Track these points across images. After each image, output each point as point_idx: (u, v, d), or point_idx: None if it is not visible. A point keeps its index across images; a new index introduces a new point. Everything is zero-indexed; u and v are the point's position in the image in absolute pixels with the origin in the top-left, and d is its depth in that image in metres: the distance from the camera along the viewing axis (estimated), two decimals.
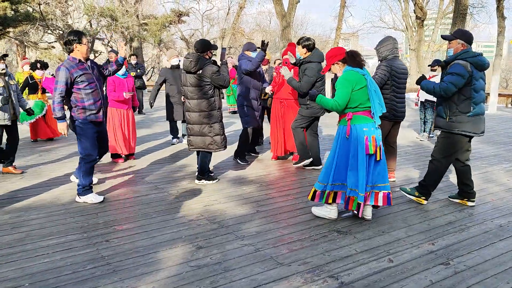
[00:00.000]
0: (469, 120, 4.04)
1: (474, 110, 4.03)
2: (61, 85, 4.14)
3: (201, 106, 4.87)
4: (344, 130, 3.81)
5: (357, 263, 3.11)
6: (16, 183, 5.15)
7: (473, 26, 30.29)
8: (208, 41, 4.97)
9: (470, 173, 4.35)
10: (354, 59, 3.78)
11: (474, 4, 22.75)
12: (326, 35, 39.74)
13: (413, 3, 18.32)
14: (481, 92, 4.06)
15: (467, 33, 4.13)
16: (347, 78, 3.73)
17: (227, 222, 3.91)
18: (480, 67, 4.01)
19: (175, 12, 26.10)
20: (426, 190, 4.39)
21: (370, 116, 3.77)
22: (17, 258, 3.15)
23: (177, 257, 3.19)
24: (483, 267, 3.05)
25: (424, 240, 3.51)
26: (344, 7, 24.35)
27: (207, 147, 5.00)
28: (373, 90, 3.73)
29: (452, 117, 4.10)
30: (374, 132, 3.74)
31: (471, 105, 4.01)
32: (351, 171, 3.75)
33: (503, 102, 16.10)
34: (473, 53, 4.02)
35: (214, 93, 4.91)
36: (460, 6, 11.93)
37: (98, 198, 4.45)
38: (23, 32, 21.10)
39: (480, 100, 4.05)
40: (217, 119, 4.96)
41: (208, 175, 5.21)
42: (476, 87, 4.00)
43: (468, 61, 3.98)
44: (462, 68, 3.93)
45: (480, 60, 3.98)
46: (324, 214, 4.00)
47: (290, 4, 16.09)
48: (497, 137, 8.60)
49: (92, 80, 4.35)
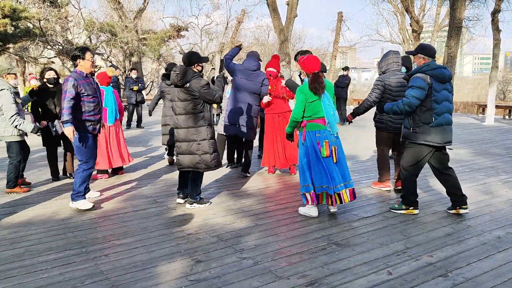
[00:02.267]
0: (432, 131, 4.21)
1: (436, 121, 4.20)
2: (70, 93, 4.37)
3: (188, 122, 4.51)
4: (301, 136, 4.35)
5: (356, 275, 3.11)
6: (14, 198, 5.15)
7: (469, 39, 30.59)
8: (196, 54, 4.67)
9: (453, 180, 4.43)
10: (312, 83, 4.16)
11: (470, 17, 23.01)
12: (324, 48, 40.04)
13: (409, 16, 18.52)
14: (444, 103, 4.23)
15: (427, 48, 4.35)
16: (303, 90, 4.22)
17: (226, 235, 3.92)
18: (441, 79, 4.19)
19: (174, 27, 26.34)
20: (409, 200, 4.51)
21: (324, 123, 4.21)
22: (16, 274, 3.15)
23: (176, 271, 3.18)
24: (482, 279, 3.05)
25: (422, 252, 3.51)
26: (342, 21, 24.62)
27: (196, 166, 4.58)
28: (327, 104, 4.18)
29: (415, 127, 4.29)
30: (327, 137, 4.20)
31: (433, 116, 4.19)
32: (315, 171, 4.29)
33: (500, 113, 16.17)
34: (434, 66, 4.21)
35: (204, 108, 4.54)
36: (455, 20, 12.07)
37: (88, 204, 4.65)
38: (23, 48, 21.25)
39: (442, 111, 4.21)
40: (207, 136, 4.55)
41: (200, 198, 4.83)
42: (437, 98, 4.18)
43: (427, 73, 4.17)
44: (421, 80, 4.14)
45: (440, 72, 4.17)
46: (305, 212, 4.47)
47: (288, 18, 16.27)
48: (494, 148, 8.64)
49: (96, 94, 4.68)
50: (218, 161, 4.68)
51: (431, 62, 4.27)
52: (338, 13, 24.73)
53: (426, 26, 28.73)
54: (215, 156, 4.62)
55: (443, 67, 4.23)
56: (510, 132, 11.19)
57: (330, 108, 4.20)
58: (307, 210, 4.46)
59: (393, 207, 4.66)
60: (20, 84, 25.09)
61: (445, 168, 4.43)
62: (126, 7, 24.72)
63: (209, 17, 29.37)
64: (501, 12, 13.80)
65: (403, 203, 4.56)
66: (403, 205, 4.55)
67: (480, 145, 9.09)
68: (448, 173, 4.43)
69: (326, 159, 4.23)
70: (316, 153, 4.25)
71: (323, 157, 4.21)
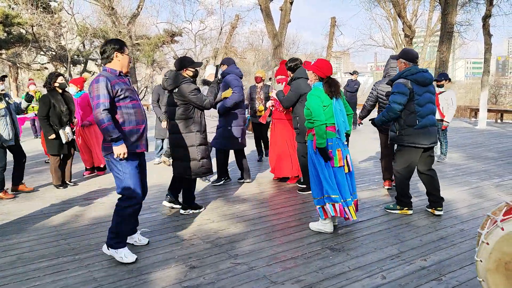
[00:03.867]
0: (416, 133, 4.32)
1: (420, 123, 4.30)
2: (104, 99, 3.24)
3: (178, 128, 4.46)
4: (311, 144, 4.02)
5: (350, 280, 3.11)
6: (7, 205, 5.11)
7: (461, 43, 30.86)
8: (188, 58, 4.61)
9: (434, 182, 4.54)
10: (329, 87, 3.94)
11: (461, 22, 23.23)
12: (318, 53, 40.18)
13: (401, 21, 18.69)
14: (428, 105, 4.33)
15: (409, 52, 4.46)
16: (316, 94, 3.95)
17: (220, 241, 3.91)
18: (421, 83, 4.28)
19: (168, 32, 26.34)
20: (403, 202, 4.63)
21: (334, 131, 3.94)
22: (7, 282, 3.12)
23: (170, 278, 3.17)
24: (475, 282, 3.06)
25: (416, 256, 3.52)
26: (335, 26, 24.79)
27: (185, 172, 4.54)
28: (338, 109, 3.96)
29: (401, 130, 4.40)
30: (339, 146, 3.95)
31: (417, 118, 4.29)
32: (328, 183, 3.92)
33: (492, 117, 16.31)
34: (415, 70, 4.31)
35: (194, 114, 4.45)
36: (447, 25, 12.19)
37: (131, 256, 3.44)
38: (16, 54, 21.17)
39: (426, 113, 4.31)
40: (195, 143, 4.46)
41: (194, 203, 4.81)
42: (420, 101, 4.28)
43: (408, 78, 4.28)
44: (402, 85, 4.26)
45: (420, 76, 4.27)
46: (320, 228, 4.11)
47: (282, 23, 16.36)
48: (487, 152, 8.70)
49: (135, 97, 3.50)
50: (207, 168, 4.60)
51: (412, 67, 4.36)
52: (331, 19, 24.91)
53: (419, 31, 28.96)
54: (204, 163, 4.55)
55: (423, 70, 4.34)
56: (502, 136, 11.28)
57: (341, 114, 4.00)
58: (321, 226, 4.10)
59: (388, 207, 4.77)
60: (13, 90, 24.98)
61: (428, 170, 4.56)
62: (120, 13, 24.69)
63: (203, 22, 29.38)
64: (492, 17, 13.96)
65: (397, 204, 4.69)
66: (398, 206, 4.67)
67: (473, 149, 9.15)
68: (430, 174, 4.56)
69: (337, 169, 3.96)
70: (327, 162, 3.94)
71: (336, 167, 3.93)
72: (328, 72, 3.98)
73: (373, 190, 5.63)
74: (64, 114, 5.78)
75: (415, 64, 4.42)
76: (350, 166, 4.05)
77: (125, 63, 3.46)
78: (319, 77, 4.02)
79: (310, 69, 4.05)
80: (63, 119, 5.78)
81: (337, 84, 4.00)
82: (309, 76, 4.14)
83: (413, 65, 4.40)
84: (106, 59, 3.43)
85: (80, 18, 23.00)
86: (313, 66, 4.01)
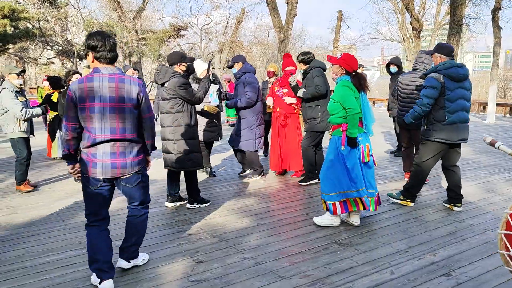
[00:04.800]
0: (444, 129, 4.26)
1: (449, 119, 4.24)
2: None
3: (167, 121, 4.49)
4: (339, 140, 3.94)
5: (359, 275, 3.09)
6: (15, 200, 5.14)
7: (469, 37, 30.57)
8: (179, 53, 4.63)
9: (456, 178, 4.49)
10: (358, 81, 3.91)
11: (470, 15, 22.97)
12: (324, 47, 39.94)
13: (409, 14, 18.49)
14: (459, 102, 4.25)
15: (443, 47, 4.39)
16: (347, 85, 3.89)
17: (227, 235, 3.90)
18: (455, 78, 4.20)
19: (173, 26, 26.30)
20: (410, 193, 4.65)
21: (362, 126, 3.94)
22: (16, 275, 3.13)
23: (177, 272, 3.16)
24: (485, 277, 3.03)
25: (425, 251, 3.49)
26: (341, 19, 24.63)
27: (172, 165, 4.54)
28: (366, 103, 3.94)
29: (429, 125, 4.36)
30: (367, 141, 3.97)
31: (446, 114, 4.24)
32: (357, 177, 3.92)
33: (501, 111, 16.13)
34: (449, 65, 4.22)
35: (184, 108, 4.44)
36: (455, 18, 12.04)
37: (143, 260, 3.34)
38: (23, 48, 21.25)
39: (456, 109, 4.25)
40: (183, 137, 4.45)
41: (200, 197, 4.81)
42: (450, 97, 4.21)
43: (441, 73, 4.21)
44: (434, 80, 4.20)
45: (453, 71, 4.18)
46: (327, 223, 4.09)
47: (288, 17, 16.25)
48: None
49: None
50: (195, 162, 4.56)
51: (448, 61, 4.26)
52: (338, 12, 24.76)
53: (427, 24, 28.70)
54: (192, 156, 4.52)
55: (458, 65, 4.23)
56: (511, 130, 11.16)
57: (368, 108, 3.96)
58: (330, 220, 4.09)
59: (391, 194, 4.82)
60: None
61: (452, 166, 4.49)
62: (126, 7, 24.69)
63: (208, 16, 29.33)
64: (502, 9, 13.76)
65: (402, 194, 4.70)
66: (401, 196, 4.69)
67: (482, 143, 9.05)
68: (454, 170, 4.49)
69: (364, 164, 3.98)
70: (357, 158, 3.94)
71: (364, 162, 3.95)
72: (355, 66, 3.98)
73: (381, 185, 5.59)
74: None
75: (451, 59, 4.32)
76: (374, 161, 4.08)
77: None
78: (346, 71, 3.97)
79: (337, 63, 3.98)
80: None
81: (365, 78, 4.01)
82: (333, 70, 4.08)
83: (449, 59, 4.30)
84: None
85: (86, 13, 23.02)
86: (340, 60, 3.96)
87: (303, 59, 5.55)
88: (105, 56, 2.83)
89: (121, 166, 2.90)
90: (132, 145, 2.94)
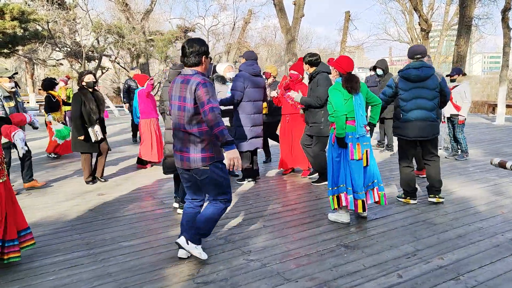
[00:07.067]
0: (401, 126, 4.68)
1: (404, 117, 4.63)
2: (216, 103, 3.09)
3: (168, 123, 4.48)
4: (331, 137, 4.20)
5: (366, 278, 3.06)
6: (21, 200, 5.17)
7: (479, 37, 30.29)
8: None
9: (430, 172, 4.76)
10: (348, 83, 4.05)
11: (479, 16, 22.73)
12: (331, 48, 39.87)
13: (417, 15, 18.35)
14: (414, 101, 4.56)
15: (409, 49, 4.70)
16: (338, 88, 4.11)
17: (234, 237, 3.88)
18: (409, 79, 4.55)
19: (181, 28, 26.36)
20: (404, 191, 4.90)
21: (354, 125, 4.07)
22: (23, 276, 3.14)
23: (183, 274, 3.16)
24: (495, 282, 2.99)
25: (433, 255, 3.45)
26: (349, 20, 24.52)
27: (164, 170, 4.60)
28: (358, 104, 4.08)
29: (393, 123, 4.87)
30: (358, 140, 4.07)
31: (401, 112, 4.66)
32: (347, 174, 4.10)
33: (511, 113, 15.95)
34: (406, 67, 4.62)
35: None
36: (465, 18, 11.91)
37: (205, 254, 3.38)
38: (32, 50, 21.42)
39: (411, 108, 4.58)
40: None
41: None
42: (404, 97, 4.60)
43: (399, 74, 4.66)
44: (391, 80, 4.70)
45: (406, 73, 4.57)
46: (336, 218, 4.24)
47: (295, 18, 16.21)
48: (506, 148, 8.51)
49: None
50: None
51: (411, 63, 4.60)
52: (345, 13, 24.63)
53: (435, 25, 28.49)
54: None
55: (416, 67, 4.51)
56: None
57: (361, 108, 4.10)
58: (337, 216, 4.23)
59: (399, 195, 5.01)
60: (29, 86, 25.35)
61: (425, 159, 4.82)
62: (134, 9, 24.80)
63: (216, 18, 29.34)
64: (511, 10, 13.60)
65: (403, 193, 4.94)
66: (403, 195, 4.93)
67: (491, 145, 8.96)
68: (428, 164, 4.79)
69: (355, 162, 4.07)
70: (346, 155, 4.09)
71: (355, 159, 4.05)
72: (348, 68, 4.14)
73: (387, 187, 5.54)
74: (93, 112, 5.69)
75: (415, 61, 4.60)
76: (368, 160, 4.13)
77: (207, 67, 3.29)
78: (340, 73, 4.19)
79: (332, 65, 4.31)
80: (93, 117, 5.69)
81: (355, 79, 4.07)
82: (332, 72, 4.39)
83: (413, 61, 4.60)
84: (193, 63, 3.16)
85: (95, 14, 23.15)
86: (334, 63, 4.23)
87: (309, 61, 5.55)
88: None
89: None
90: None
